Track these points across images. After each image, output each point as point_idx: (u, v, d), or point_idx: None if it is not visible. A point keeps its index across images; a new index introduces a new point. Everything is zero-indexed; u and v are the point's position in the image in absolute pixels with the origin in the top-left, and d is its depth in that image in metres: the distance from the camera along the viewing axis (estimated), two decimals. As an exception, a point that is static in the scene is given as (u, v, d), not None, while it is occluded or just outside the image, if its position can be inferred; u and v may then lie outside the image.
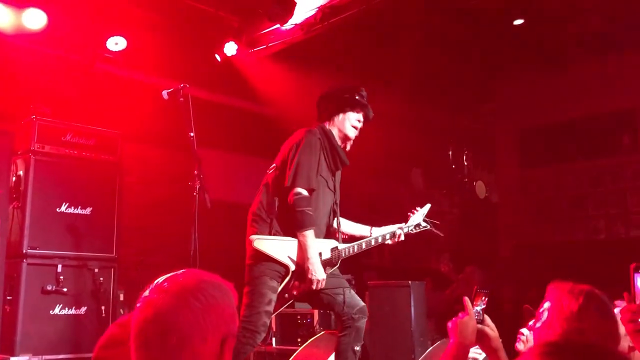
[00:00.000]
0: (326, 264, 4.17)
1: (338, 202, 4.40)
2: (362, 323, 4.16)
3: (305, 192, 4.05)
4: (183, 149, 4.61)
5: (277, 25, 6.87)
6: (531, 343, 2.98)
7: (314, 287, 4.02)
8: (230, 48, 7.16)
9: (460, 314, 2.42)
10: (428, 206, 4.77)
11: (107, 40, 6.90)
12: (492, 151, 10.39)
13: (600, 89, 8.64)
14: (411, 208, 4.68)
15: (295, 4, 6.45)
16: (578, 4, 6.67)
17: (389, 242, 4.53)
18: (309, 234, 4.02)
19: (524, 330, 3.33)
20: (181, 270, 1.62)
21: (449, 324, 2.42)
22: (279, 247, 4.07)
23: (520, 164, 9.66)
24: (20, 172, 5.55)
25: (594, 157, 8.95)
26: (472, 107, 10.70)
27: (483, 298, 2.51)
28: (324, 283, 4.05)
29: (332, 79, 4.54)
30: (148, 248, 7.42)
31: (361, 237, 4.45)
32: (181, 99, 4.28)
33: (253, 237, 4.07)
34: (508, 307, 8.37)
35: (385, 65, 8.07)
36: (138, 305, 1.55)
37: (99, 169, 5.93)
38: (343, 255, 4.27)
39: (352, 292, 4.24)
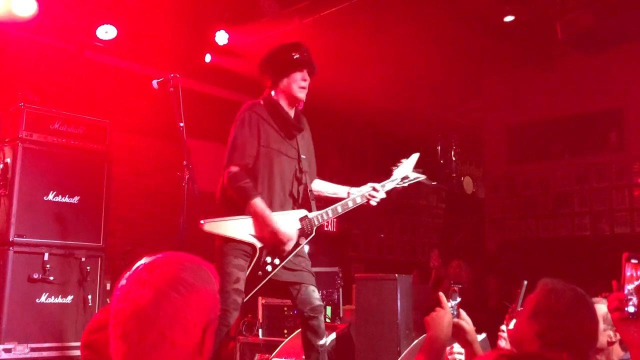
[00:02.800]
0: (298, 235, 4.07)
1: (305, 169, 4.23)
2: (316, 321, 4.05)
3: (236, 169, 3.99)
4: (172, 139, 4.61)
5: (269, 16, 6.86)
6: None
7: (286, 247, 3.96)
8: (222, 37, 7.15)
9: (435, 309, 2.49)
10: (416, 156, 4.47)
11: (97, 28, 6.87)
12: (480, 147, 10.43)
13: (588, 87, 8.69)
14: (397, 202, 4.55)
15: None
16: (568, 2, 6.71)
17: (373, 202, 4.30)
18: (256, 202, 3.93)
19: (504, 327, 3.36)
20: (159, 255, 1.58)
21: (426, 319, 2.50)
22: (235, 227, 3.98)
23: (508, 160, 9.71)
24: (8, 160, 5.51)
25: (580, 155, 9.02)
26: (460, 103, 10.75)
27: (457, 292, 2.57)
28: (293, 240, 3.99)
29: (321, 70, 4.50)
30: (136, 238, 7.40)
31: (337, 200, 4.28)
32: (171, 88, 4.27)
33: (202, 221, 3.99)
34: (493, 301, 8.44)
35: (373, 60, 8.08)
36: (116, 292, 1.52)
37: (87, 158, 5.90)
38: (316, 222, 4.14)
39: (310, 288, 4.10)
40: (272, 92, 4.23)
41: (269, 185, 4.08)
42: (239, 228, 3.98)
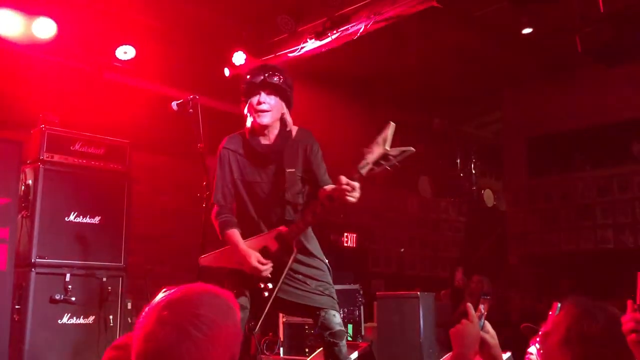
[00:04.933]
0: (280, 253, 3.94)
1: (292, 184, 4.04)
2: (337, 348, 3.95)
3: (216, 207, 4.08)
4: (192, 158, 4.61)
5: (286, 35, 6.89)
6: None
7: (261, 272, 3.86)
8: (239, 57, 7.19)
9: (462, 321, 2.33)
10: (392, 126, 3.63)
11: (116, 49, 6.92)
12: (500, 160, 10.37)
13: (608, 98, 8.61)
14: (416, 217, 4.33)
15: (304, 14, 6.47)
16: (587, 15, 6.66)
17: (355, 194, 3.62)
18: (228, 234, 3.98)
19: (532, 349, 3.24)
20: (177, 289, 1.57)
21: (451, 332, 2.33)
22: (225, 257, 4.03)
23: (528, 172, 9.63)
24: (29, 182, 5.56)
25: (602, 166, 8.92)
26: (480, 116, 10.70)
27: (484, 305, 2.43)
28: (267, 266, 3.89)
29: (339, 89, 4.48)
30: (156, 257, 7.42)
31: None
32: (190, 110, 4.27)
33: (200, 258, 4.09)
34: (515, 316, 8.34)
35: (394, 75, 8.08)
36: (138, 332, 1.51)
37: (107, 178, 5.94)
38: (290, 237, 3.93)
39: (330, 313, 3.97)
40: (249, 120, 4.18)
41: (247, 214, 4.09)
42: (228, 257, 4.01)
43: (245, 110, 4.13)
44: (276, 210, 4.07)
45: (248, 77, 4.12)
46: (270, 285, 3.94)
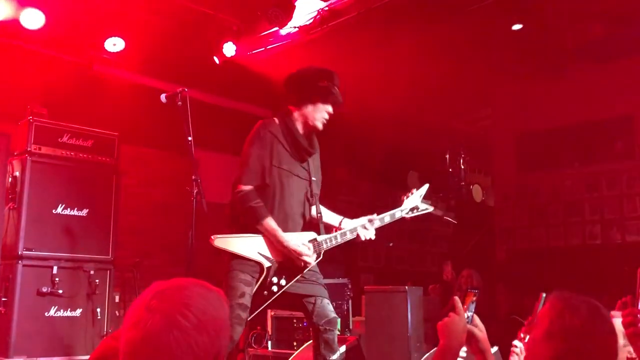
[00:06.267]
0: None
1: (315, 191, 4.23)
2: (331, 335, 4.04)
3: (248, 188, 4.00)
4: (181, 151, 4.60)
5: (276, 28, 6.87)
6: (524, 355, 2.93)
7: (305, 265, 3.99)
8: (229, 49, 7.15)
9: (449, 314, 2.33)
10: (426, 187, 4.52)
11: (105, 41, 6.88)
12: (489, 155, 10.39)
13: (598, 95, 8.63)
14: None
15: (294, 7, 6.45)
16: (577, 11, 6.68)
17: (362, 237, 4.30)
18: (268, 222, 3.95)
19: (517, 342, 3.27)
20: (169, 281, 1.57)
21: (438, 325, 2.34)
22: (244, 244, 3.98)
23: (517, 168, 9.66)
24: (17, 173, 5.53)
25: (590, 163, 8.96)
26: (469, 111, 10.71)
27: (473, 298, 2.44)
28: (307, 255, 4.00)
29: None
30: (144, 250, 7.40)
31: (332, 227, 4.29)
32: (179, 102, 4.25)
33: (213, 236, 4.00)
34: (503, 310, 8.39)
35: (382, 69, 8.06)
36: (126, 322, 1.51)
37: (95, 171, 5.91)
38: (324, 246, 4.13)
39: (324, 301, 4.09)
40: (294, 112, 4.21)
41: (281, 205, 4.08)
42: (249, 246, 3.99)
43: (309, 109, 4.16)
44: (298, 207, 4.16)
45: (326, 82, 4.16)
46: (283, 282, 3.97)
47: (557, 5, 6.83)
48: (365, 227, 4.27)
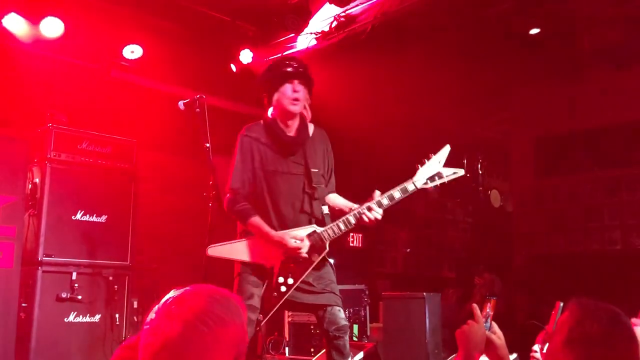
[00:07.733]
0: (311, 251, 3.99)
1: (317, 182, 4.12)
2: (342, 341, 4.00)
3: (231, 195, 4.06)
4: (198, 157, 4.61)
5: (293, 35, 6.89)
6: None
7: (298, 256, 3.92)
8: (246, 56, 7.18)
9: (468, 322, 2.33)
10: (447, 149, 4.10)
11: (123, 48, 6.94)
12: (507, 160, 10.32)
13: (616, 99, 8.55)
14: (423, 217, 4.41)
15: (310, 13, 6.46)
16: (595, 15, 6.63)
17: (365, 218, 3.98)
18: (254, 220, 3.97)
19: (536, 347, 3.24)
20: (187, 288, 1.58)
21: (457, 333, 2.34)
22: (240, 249, 4.01)
23: (535, 173, 9.58)
24: (37, 180, 5.58)
25: (609, 167, 8.86)
26: (487, 116, 10.66)
27: (492, 305, 2.44)
28: (305, 244, 3.93)
29: (346, 87, 4.47)
30: (162, 256, 7.43)
31: (343, 214, 4.10)
32: (197, 109, 4.27)
33: (208, 247, 4.02)
34: (521, 317, 8.31)
35: (399, 75, 8.05)
36: (145, 328, 1.52)
37: (114, 177, 5.96)
38: (325, 237, 4.01)
39: (335, 309, 4.03)
40: (270, 110, 4.21)
41: (274, 206, 4.07)
42: (245, 250, 4.01)
43: (274, 99, 4.14)
44: (294, 203, 4.10)
45: (274, 68, 4.18)
46: (290, 281, 3.95)
47: (575, 10, 6.78)
48: (370, 209, 4.02)
